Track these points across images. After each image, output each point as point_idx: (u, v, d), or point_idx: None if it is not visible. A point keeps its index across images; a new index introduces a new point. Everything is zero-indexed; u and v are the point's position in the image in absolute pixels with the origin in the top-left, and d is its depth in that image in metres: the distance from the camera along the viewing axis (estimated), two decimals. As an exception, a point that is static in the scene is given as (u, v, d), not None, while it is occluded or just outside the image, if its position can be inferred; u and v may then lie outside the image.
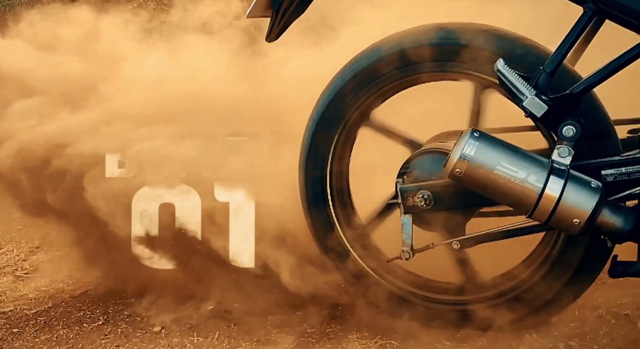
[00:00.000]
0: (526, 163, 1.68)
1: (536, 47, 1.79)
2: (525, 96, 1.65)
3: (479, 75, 1.82)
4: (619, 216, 1.69)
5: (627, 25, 1.68)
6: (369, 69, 1.88)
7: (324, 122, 1.94)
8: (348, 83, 1.91)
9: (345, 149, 1.97)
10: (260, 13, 1.95)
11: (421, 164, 1.91)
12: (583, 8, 1.69)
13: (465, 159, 1.69)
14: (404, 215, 1.86)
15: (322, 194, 1.96)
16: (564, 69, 1.76)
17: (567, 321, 1.93)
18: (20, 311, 2.22)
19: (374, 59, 1.88)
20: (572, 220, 1.66)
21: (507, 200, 1.73)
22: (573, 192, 1.66)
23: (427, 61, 1.84)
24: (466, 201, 1.84)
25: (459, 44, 1.81)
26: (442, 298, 1.95)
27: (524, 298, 1.89)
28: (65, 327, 2.10)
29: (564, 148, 1.69)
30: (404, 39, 1.86)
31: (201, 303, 2.11)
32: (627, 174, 1.72)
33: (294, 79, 2.17)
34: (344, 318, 2.02)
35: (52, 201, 2.18)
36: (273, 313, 2.05)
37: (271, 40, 2.03)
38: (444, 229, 1.88)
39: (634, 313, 1.95)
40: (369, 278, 1.95)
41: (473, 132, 1.71)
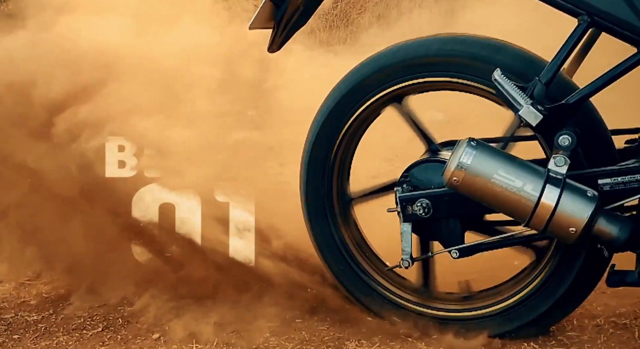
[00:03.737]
0: (523, 172, 1.70)
1: (532, 57, 1.82)
2: (521, 106, 1.67)
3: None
4: (615, 225, 1.70)
5: (622, 37, 1.71)
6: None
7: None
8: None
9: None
10: (262, 24, 1.99)
11: (420, 172, 1.93)
12: (578, 20, 1.71)
13: (463, 167, 1.71)
14: (403, 223, 1.88)
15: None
16: (561, 79, 1.79)
17: (565, 330, 1.94)
18: (20, 317, 2.23)
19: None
20: (568, 229, 1.68)
21: (504, 209, 1.74)
22: (569, 201, 1.67)
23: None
24: (465, 209, 1.86)
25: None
26: (442, 307, 1.96)
27: (521, 309, 1.90)
28: (66, 333, 2.11)
29: (560, 157, 1.71)
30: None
31: (200, 311, 2.12)
32: (623, 183, 1.74)
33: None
34: (342, 326, 2.02)
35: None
36: (272, 321, 2.05)
37: (273, 51, 2.06)
38: (442, 237, 1.90)
39: (632, 323, 1.96)
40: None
41: (470, 141, 1.73)
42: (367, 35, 4.67)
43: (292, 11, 1.93)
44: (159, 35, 2.32)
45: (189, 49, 2.31)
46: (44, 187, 2.19)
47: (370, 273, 2.00)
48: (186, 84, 2.27)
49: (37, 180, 2.19)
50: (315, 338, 1.98)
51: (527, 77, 1.74)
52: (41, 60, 2.19)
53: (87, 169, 2.16)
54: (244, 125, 2.65)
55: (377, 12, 5.02)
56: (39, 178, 2.18)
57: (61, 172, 2.17)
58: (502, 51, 1.82)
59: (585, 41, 1.87)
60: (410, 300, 1.98)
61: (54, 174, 2.16)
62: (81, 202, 2.20)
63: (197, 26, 2.38)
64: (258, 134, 2.63)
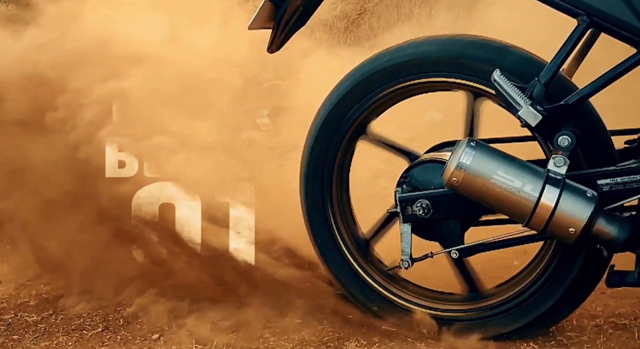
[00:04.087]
0: (522, 172, 1.70)
1: (531, 58, 1.82)
2: (520, 106, 1.67)
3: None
4: (614, 225, 1.70)
5: (621, 37, 1.71)
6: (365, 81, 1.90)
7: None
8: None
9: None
10: (261, 25, 1.99)
11: (420, 173, 1.93)
12: (577, 20, 1.71)
13: (462, 168, 1.71)
14: (403, 224, 1.88)
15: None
16: (560, 80, 1.79)
17: (565, 330, 1.94)
18: (20, 318, 2.23)
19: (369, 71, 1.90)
20: (567, 229, 1.68)
21: (504, 209, 1.74)
22: (568, 201, 1.67)
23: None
24: (464, 209, 1.86)
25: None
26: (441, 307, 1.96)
27: (522, 308, 1.90)
28: (65, 334, 2.12)
29: (559, 158, 1.71)
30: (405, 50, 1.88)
31: (200, 311, 2.12)
32: (622, 183, 1.74)
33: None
34: (342, 326, 2.02)
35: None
36: (271, 321, 2.05)
37: (272, 51, 2.06)
38: (442, 237, 1.90)
39: (631, 323, 1.96)
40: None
41: (470, 141, 1.73)
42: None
43: (291, 12, 1.94)
44: (187, 35, 2.33)
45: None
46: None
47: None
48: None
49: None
50: (314, 338, 1.98)
51: (527, 77, 1.74)
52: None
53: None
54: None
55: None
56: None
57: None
58: (503, 52, 1.82)
59: (585, 42, 1.87)
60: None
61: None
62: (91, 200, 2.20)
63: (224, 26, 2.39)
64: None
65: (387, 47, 1.93)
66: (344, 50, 4.16)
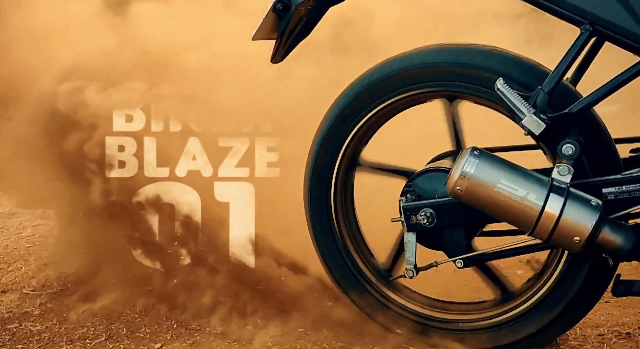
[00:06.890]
0: (526, 181, 1.69)
1: (535, 67, 1.82)
2: (524, 115, 1.67)
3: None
4: (619, 234, 1.69)
5: (624, 45, 1.70)
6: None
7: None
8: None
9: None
10: (265, 35, 1.99)
11: (424, 182, 1.93)
12: (580, 29, 1.72)
13: (466, 176, 1.70)
14: (407, 233, 1.88)
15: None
16: (564, 88, 1.79)
17: (568, 339, 1.92)
18: (24, 327, 2.24)
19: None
20: (572, 238, 1.67)
21: (508, 218, 1.74)
22: (573, 210, 1.66)
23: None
24: (469, 218, 1.85)
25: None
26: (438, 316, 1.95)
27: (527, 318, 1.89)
28: (69, 343, 2.12)
29: (563, 166, 1.70)
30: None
31: (202, 320, 2.12)
32: (628, 192, 1.73)
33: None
34: (344, 334, 2.01)
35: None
36: (273, 330, 2.04)
37: (276, 61, 2.06)
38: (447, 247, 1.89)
39: (635, 332, 1.94)
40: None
41: (473, 150, 1.73)
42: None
43: (295, 22, 1.94)
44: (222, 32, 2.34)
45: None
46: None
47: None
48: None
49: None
50: (317, 347, 1.97)
51: (530, 86, 1.74)
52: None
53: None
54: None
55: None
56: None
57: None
58: (505, 60, 1.82)
59: (589, 50, 1.87)
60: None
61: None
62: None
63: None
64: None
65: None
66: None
